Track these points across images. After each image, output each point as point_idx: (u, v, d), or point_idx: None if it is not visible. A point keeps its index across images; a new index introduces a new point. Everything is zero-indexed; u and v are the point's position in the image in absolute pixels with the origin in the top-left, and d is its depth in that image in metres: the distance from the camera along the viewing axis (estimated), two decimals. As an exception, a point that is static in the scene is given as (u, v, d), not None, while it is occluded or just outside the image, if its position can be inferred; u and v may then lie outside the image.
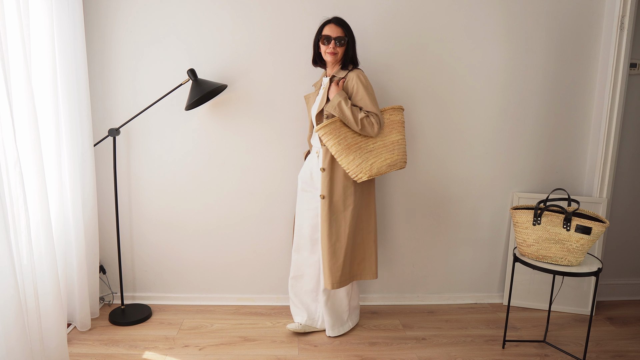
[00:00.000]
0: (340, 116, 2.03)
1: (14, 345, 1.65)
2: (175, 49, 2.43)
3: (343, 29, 2.09)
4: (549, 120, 2.60)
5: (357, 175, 2.08)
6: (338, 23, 2.09)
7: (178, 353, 2.18)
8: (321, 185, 2.13)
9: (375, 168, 2.09)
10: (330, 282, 2.14)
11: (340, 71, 2.14)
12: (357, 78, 2.07)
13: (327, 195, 2.11)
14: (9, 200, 1.66)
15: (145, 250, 2.65)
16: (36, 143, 1.81)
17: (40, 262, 1.92)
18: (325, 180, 2.11)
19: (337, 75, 2.12)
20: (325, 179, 2.11)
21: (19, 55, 1.72)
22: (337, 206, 2.13)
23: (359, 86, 2.06)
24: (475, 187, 2.66)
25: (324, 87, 2.14)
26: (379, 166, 2.10)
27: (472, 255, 2.74)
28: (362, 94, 2.06)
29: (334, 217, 2.13)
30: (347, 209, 2.14)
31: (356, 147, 2.07)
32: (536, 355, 2.20)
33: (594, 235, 1.94)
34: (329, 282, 2.14)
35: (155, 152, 2.54)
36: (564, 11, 2.49)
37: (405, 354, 2.20)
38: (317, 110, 2.12)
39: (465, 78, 2.53)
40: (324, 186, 2.11)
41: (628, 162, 2.68)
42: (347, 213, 2.14)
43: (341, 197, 2.13)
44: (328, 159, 2.11)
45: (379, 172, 2.11)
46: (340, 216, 2.14)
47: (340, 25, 2.09)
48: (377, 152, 2.11)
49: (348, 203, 2.14)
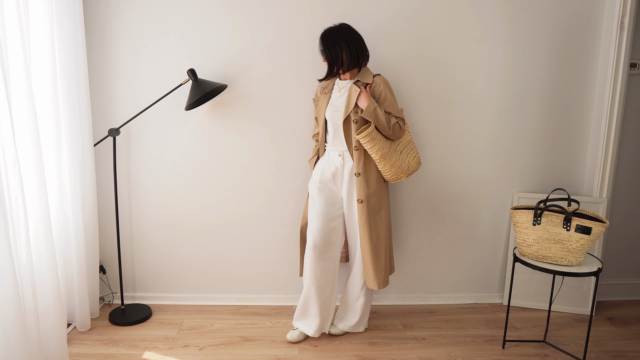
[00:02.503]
0: (375, 121, 2.07)
1: (14, 345, 1.65)
2: (175, 49, 2.43)
3: (323, 42, 2.11)
4: (549, 120, 2.60)
5: (397, 176, 2.20)
6: (321, 38, 2.13)
7: (178, 353, 2.18)
8: (357, 190, 2.14)
9: (411, 167, 2.25)
10: (376, 282, 2.18)
11: (362, 75, 2.16)
12: (384, 84, 2.15)
13: (365, 199, 2.14)
14: (8, 200, 1.66)
15: (145, 250, 2.65)
16: (36, 143, 1.81)
17: (40, 262, 1.92)
18: (362, 184, 2.14)
19: (362, 80, 2.14)
20: (361, 183, 2.14)
21: (19, 55, 1.72)
22: (374, 208, 2.18)
23: (387, 92, 2.15)
24: (476, 187, 2.66)
25: (348, 91, 2.14)
26: (413, 165, 2.26)
27: (472, 255, 2.74)
28: (390, 99, 2.15)
29: (373, 218, 2.17)
30: (381, 209, 2.21)
31: (393, 150, 2.17)
32: (536, 355, 2.20)
33: (594, 235, 1.94)
34: (375, 283, 2.18)
35: (155, 152, 2.54)
36: (563, 11, 2.49)
37: (405, 354, 2.20)
38: (345, 114, 2.12)
39: (465, 78, 2.53)
40: (361, 190, 2.14)
41: (628, 162, 2.68)
42: (382, 214, 2.22)
43: (377, 199, 2.19)
44: (362, 163, 2.14)
45: (413, 171, 2.27)
46: (377, 217, 2.20)
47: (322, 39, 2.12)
48: (405, 153, 2.24)
49: (382, 204, 2.21)
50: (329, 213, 2.21)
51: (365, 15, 2.42)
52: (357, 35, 2.14)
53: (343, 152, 2.19)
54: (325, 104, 2.21)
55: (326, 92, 2.24)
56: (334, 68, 2.13)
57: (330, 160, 2.22)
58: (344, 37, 2.10)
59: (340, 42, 2.09)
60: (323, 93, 2.26)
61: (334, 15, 2.38)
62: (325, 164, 2.24)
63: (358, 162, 2.14)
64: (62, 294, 2.14)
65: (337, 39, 2.09)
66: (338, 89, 2.21)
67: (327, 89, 2.25)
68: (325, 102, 2.21)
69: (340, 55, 2.10)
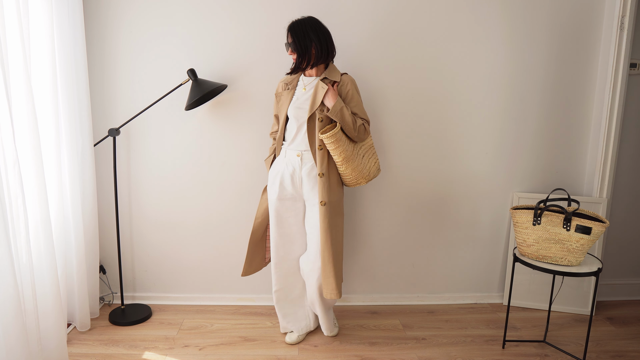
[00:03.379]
0: (341, 121, 1.99)
1: (14, 345, 1.65)
2: (175, 49, 2.43)
3: (292, 34, 2.02)
4: (549, 120, 2.60)
5: (358, 181, 2.12)
6: (289, 29, 2.04)
7: (178, 353, 2.18)
8: (320, 192, 2.03)
9: (372, 173, 2.17)
10: (336, 291, 2.05)
11: (329, 72, 2.08)
12: (352, 83, 2.08)
13: (327, 201, 2.03)
14: (7, 200, 1.66)
15: (145, 250, 2.65)
16: (36, 143, 1.81)
17: (40, 262, 1.92)
18: (325, 186, 2.04)
19: (329, 77, 2.06)
20: (324, 184, 2.03)
21: (19, 55, 1.72)
22: (334, 212, 2.09)
23: (354, 92, 2.08)
24: (475, 187, 2.66)
25: (314, 88, 2.05)
26: (373, 171, 2.18)
27: (472, 255, 2.74)
28: (356, 100, 2.08)
29: (333, 223, 2.07)
30: (339, 215, 2.12)
31: (356, 154, 2.09)
32: (536, 355, 2.20)
33: (594, 235, 1.94)
34: (335, 292, 2.05)
35: (155, 152, 2.54)
36: (563, 11, 2.49)
37: (405, 354, 2.20)
38: (310, 112, 2.03)
39: (465, 78, 2.53)
40: (324, 192, 2.03)
41: (628, 162, 2.68)
42: (340, 220, 2.13)
43: (337, 203, 2.11)
44: (325, 163, 2.04)
45: (373, 176, 2.19)
46: (336, 222, 2.10)
47: (290, 31, 2.03)
48: (367, 157, 2.16)
49: (341, 208, 2.14)
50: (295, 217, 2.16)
51: (365, 15, 2.42)
52: (325, 29, 2.05)
53: (302, 152, 2.08)
54: (288, 100, 2.10)
55: (289, 88, 2.13)
56: (303, 62, 2.03)
57: (288, 160, 2.12)
58: (313, 29, 2.00)
59: (310, 34, 2.00)
60: (286, 89, 2.14)
61: (335, 15, 2.38)
62: (282, 164, 2.13)
63: (322, 162, 2.04)
64: (62, 294, 2.14)
65: (307, 31, 2.00)
66: (303, 86, 2.11)
67: (290, 84, 2.13)
68: (289, 99, 2.10)
69: (310, 49, 2.01)
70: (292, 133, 2.10)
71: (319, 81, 2.05)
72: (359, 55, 2.44)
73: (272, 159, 2.22)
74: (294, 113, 2.08)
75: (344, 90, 2.07)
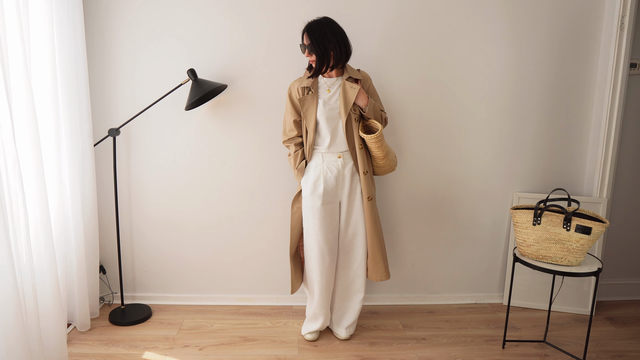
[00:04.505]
0: (374, 118, 2.10)
1: (14, 345, 1.65)
2: (175, 49, 2.43)
3: (310, 35, 2.00)
4: (549, 120, 2.60)
5: (391, 169, 2.27)
6: (306, 30, 2.03)
7: (178, 353, 2.18)
8: (365, 188, 2.13)
9: (395, 159, 2.29)
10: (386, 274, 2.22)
11: (349, 71, 2.11)
12: (370, 79, 2.19)
13: (373, 197, 2.17)
14: (8, 200, 1.66)
15: (145, 250, 2.65)
16: (36, 143, 1.81)
17: (40, 262, 1.92)
18: (370, 182, 2.16)
19: (352, 76, 2.10)
20: (369, 181, 2.16)
21: (19, 55, 1.72)
22: (375, 205, 2.21)
23: (374, 88, 2.20)
24: (476, 187, 2.66)
25: (341, 88, 2.07)
26: (396, 161, 2.30)
27: (472, 255, 2.74)
28: (376, 94, 2.20)
29: (377, 214, 2.22)
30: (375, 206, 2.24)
31: (387, 145, 2.20)
32: (536, 355, 2.20)
33: (594, 235, 1.94)
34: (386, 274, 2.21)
35: (155, 152, 2.54)
36: (564, 11, 2.49)
37: (405, 354, 2.20)
38: (346, 113, 2.04)
39: (465, 78, 2.53)
40: (369, 188, 2.15)
41: (628, 162, 2.68)
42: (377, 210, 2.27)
43: (374, 197, 2.22)
44: (367, 161, 2.16)
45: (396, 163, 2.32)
46: (378, 213, 2.24)
47: (308, 32, 2.02)
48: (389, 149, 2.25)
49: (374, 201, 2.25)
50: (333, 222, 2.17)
51: (366, 15, 2.42)
52: (341, 30, 2.04)
53: (342, 153, 2.14)
54: (314, 104, 2.09)
55: (312, 92, 2.10)
56: (323, 64, 2.02)
57: (328, 163, 2.13)
58: (331, 30, 2.00)
59: (328, 35, 1.99)
60: (306, 93, 2.12)
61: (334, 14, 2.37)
62: (323, 168, 2.13)
63: (363, 160, 2.13)
64: (62, 294, 2.14)
65: (325, 33, 1.98)
66: (327, 87, 2.11)
67: (312, 88, 2.11)
68: (314, 103, 2.09)
69: (329, 50, 2.00)
70: (326, 136, 2.11)
71: (344, 81, 2.07)
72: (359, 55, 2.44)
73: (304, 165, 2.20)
74: (326, 115, 2.08)
75: (365, 86, 2.15)
